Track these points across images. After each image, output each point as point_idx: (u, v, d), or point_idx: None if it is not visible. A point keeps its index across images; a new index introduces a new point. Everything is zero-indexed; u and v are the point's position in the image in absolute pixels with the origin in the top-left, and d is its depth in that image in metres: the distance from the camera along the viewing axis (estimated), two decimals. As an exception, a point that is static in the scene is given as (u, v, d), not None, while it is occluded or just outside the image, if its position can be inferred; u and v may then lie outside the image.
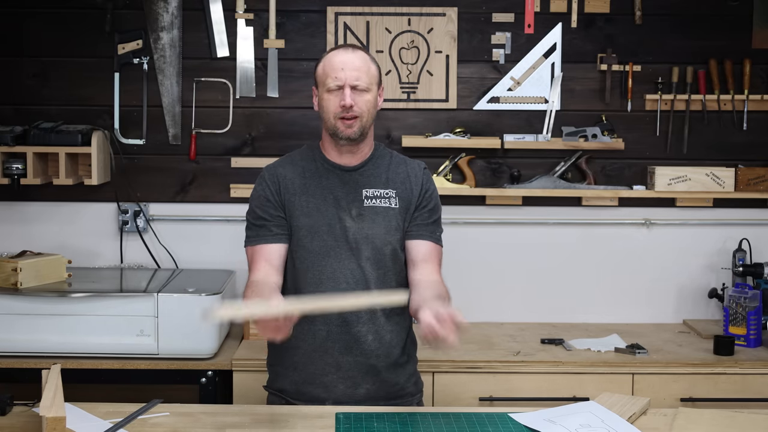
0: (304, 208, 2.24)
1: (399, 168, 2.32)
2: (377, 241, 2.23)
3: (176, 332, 2.84)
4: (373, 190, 2.27)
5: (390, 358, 2.27)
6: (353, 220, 2.23)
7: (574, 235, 3.42)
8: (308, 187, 2.26)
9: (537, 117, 3.38)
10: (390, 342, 2.27)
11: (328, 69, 2.21)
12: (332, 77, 2.19)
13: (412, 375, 2.36)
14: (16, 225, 3.38)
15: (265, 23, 3.35)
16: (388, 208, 2.26)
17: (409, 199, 2.29)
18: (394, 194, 2.28)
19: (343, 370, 2.24)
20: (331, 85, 2.19)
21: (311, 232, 2.23)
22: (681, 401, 2.85)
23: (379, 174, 2.29)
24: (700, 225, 3.42)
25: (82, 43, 3.34)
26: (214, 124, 3.37)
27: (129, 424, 2.00)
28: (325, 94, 2.22)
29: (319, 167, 2.29)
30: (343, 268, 2.22)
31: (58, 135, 3.16)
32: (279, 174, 2.29)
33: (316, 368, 2.25)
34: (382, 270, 2.25)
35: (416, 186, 2.30)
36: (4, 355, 2.85)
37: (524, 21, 3.36)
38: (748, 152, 3.40)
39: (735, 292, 3.10)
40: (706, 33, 3.37)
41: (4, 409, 2.07)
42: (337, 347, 2.23)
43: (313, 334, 2.24)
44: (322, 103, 2.24)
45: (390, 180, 2.29)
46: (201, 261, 3.38)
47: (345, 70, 2.19)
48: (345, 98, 2.18)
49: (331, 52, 2.26)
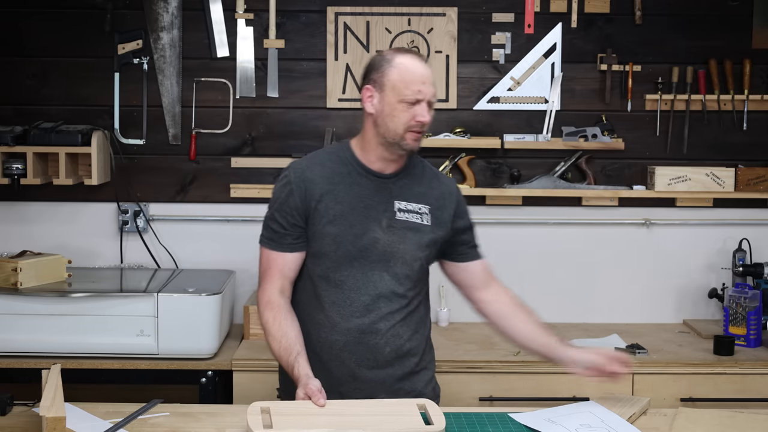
0: (330, 216, 2.14)
1: (433, 182, 2.24)
2: (407, 257, 2.16)
3: (176, 332, 2.84)
4: (406, 203, 2.18)
5: (407, 368, 2.22)
6: (383, 232, 2.15)
7: (574, 235, 3.42)
8: (337, 193, 2.15)
9: (537, 117, 3.38)
10: (408, 352, 2.21)
11: (408, 79, 2.09)
12: (413, 90, 2.09)
13: (430, 381, 2.29)
14: (16, 225, 3.38)
15: (265, 23, 3.35)
16: (420, 225, 2.18)
17: (441, 218, 2.21)
18: (427, 210, 2.20)
19: (360, 380, 2.18)
20: (411, 98, 2.09)
21: (336, 240, 2.13)
22: (681, 401, 2.85)
23: (413, 186, 2.20)
24: (700, 225, 3.42)
25: (82, 43, 3.34)
26: (214, 124, 3.37)
27: (129, 424, 2.00)
28: (399, 104, 2.10)
29: (351, 171, 2.18)
30: (366, 280, 2.15)
31: (58, 135, 3.16)
32: (306, 178, 2.17)
33: (332, 378, 2.17)
34: (408, 285, 2.18)
35: (450, 205, 2.24)
36: (4, 355, 2.85)
37: (524, 21, 3.36)
38: (748, 152, 3.40)
39: (735, 292, 3.10)
40: (706, 33, 3.37)
41: (4, 409, 2.07)
42: (354, 358, 2.16)
43: (330, 344, 2.17)
44: (391, 111, 2.11)
45: (424, 194, 2.21)
46: (201, 261, 3.37)
47: (426, 84, 2.10)
48: (425, 115, 2.10)
49: (405, 58, 2.13)
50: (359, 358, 2.17)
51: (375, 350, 2.17)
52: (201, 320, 2.85)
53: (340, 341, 2.16)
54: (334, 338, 2.17)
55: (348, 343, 2.16)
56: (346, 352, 2.17)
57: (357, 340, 2.16)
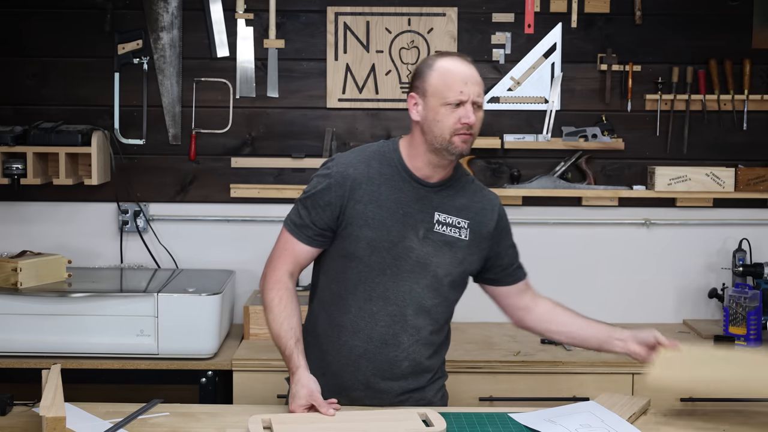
0: (368, 220, 2.09)
1: (476, 196, 2.19)
2: (440, 271, 2.12)
3: (176, 332, 2.84)
4: (446, 216, 2.12)
5: (421, 382, 2.20)
6: (419, 242, 2.10)
7: (574, 235, 3.42)
8: (379, 197, 2.10)
9: (537, 117, 3.38)
10: (426, 368, 2.19)
11: (449, 82, 2.04)
12: (455, 91, 2.03)
13: (440, 389, 2.28)
14: (16, 225, 3.38)
15: (265, 23, 3.35)
16: (457, 240, 2.13)
17: (480, 232, 2.17)
18: (465, 225, 2.14)
19: (372, 390, 2.15)
20: (453, 100, 2.03)
21: (371, 245, 2.08)
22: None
23: (454, 197, 2.15)
24: (700, 225, 3.42)
25: (82, 43, 3.34)
26: (214, 124, 3.37)
27: (129, 424, 2.00)
28: (442, 108, 2.04)
29: (395, 175, 2.12)
30: (396, 289, 2.10)
31: (58, 135, 3.16)
32: (348, 175, 2.10)
33: (345, 382, 2.16)
34: (438, 299, 2.15)
35: (491, 221, 2.19)
36: (4, 355, 2.85)
37: (524, 21, 3.36)
38: (748, 152, 3.40)
39: (735, 292, 3.10)
40: (706, 33, 3.37)
41: (4, 409, 2.07)
42: (371, 367, 2.14)
43: (349, 348, 2.14)
44: (435, 116, 2.05)
45: (465, 208, 2.16)
46: (201, 261, 3.37)
47: (468, 84, 2.04)
48: (469, 116, 2.03)
49: (447, 61, 2.08)
50: (376, 368, 2.14)
51: (393, 362, 2.14)
52: (201, 320, 2.85)
53: (361, 348, 2.13)
54: (354, 344, 2.13)
55: (368, 351, 2.13)
56: (365, 359, 2.13)
57: (377, 349, 2.13)
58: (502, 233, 2.23)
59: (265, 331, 3.03)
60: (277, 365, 2.76)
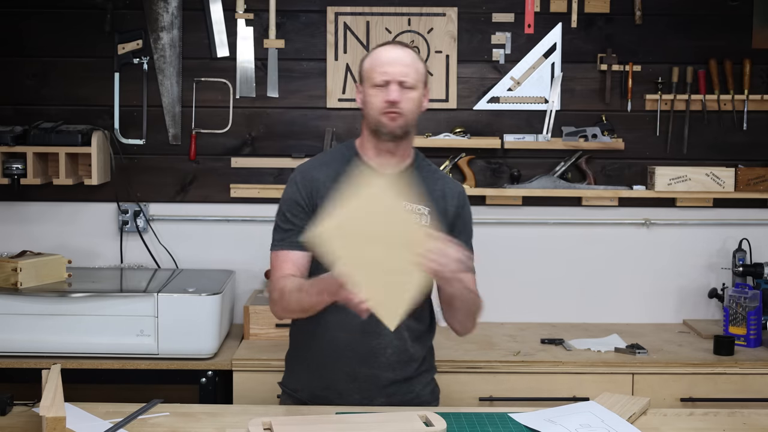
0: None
1: (436, 184, 2.25)
2: None
3: (176, 332, 2.83)
4: (407, 203, 2.14)
5: (408, 372, 2.22)
6: None
7: (574, 235, 3.42)
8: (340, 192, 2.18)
9: (537, 117, 3.38)
10: (411, 356, 2.22)
11: (375, 64, 2.14)
12: (379, 72, 2.12)
13: (429, 383, 2.30)
14: (16, 225, 3.38)
15: (265, 23, 3.35)
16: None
17: (441, 219, 2.20)
18: (426, 212, 2.19)
19: (359, 381, 2.19)
20: (378, 80, 2.12)
21: None
22: (681, 401, 2.85)
23: (415, 186, 2.19)
24: (700, 225, 3.42)
25: (82, 43, 3.34)
26: (214, 124, 3.37)
27: (129, 424, 2.00)
28: (371, 90, 2.14)
29: (355, 171, 2.16)
30: None
31: (58, 135, 3.16)
32: (312, 178, 2.20)
33: (332, 375, 2.20)
34: None
35: (451, 207, 2.24)
36: (4, 355, 2.85)
37: (524, 21, 3.36)
38: (748, 152, 3.40)
39: (735, 292, 3.10)
40: (706, 33, 3.37)
41: (4, 409, 2.07)
42: (356, 358, 2.18)
43: (334, 341, 2.18)
44: (367, 99, 2.16)
45: (426, 195, 2.20)
46: (201, 261, 3.37)
47: (393, 65, 2.12)
48: (390, 93, 2.10)
49: (378, 48, 2.20)
50: (360, 358, 2.18)
51: (376, 351, 2.18)
52: (201, 320, 2.85)
53: (343, 340, 2.18)
54: (336, 336, 2.18)
55: (350, 342, 2.17)
56: (348, 350, 2.18)
57: (359, 339, 2.17)
58: (461, 217, 2.25)
59: (265, 331, 3.05)
60: (276, 365, 2.76)
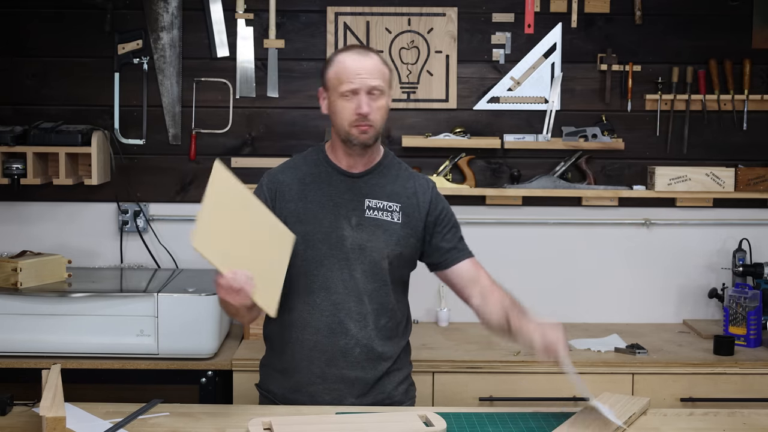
0: (300, 215, 2.16)
1: (407, 183, 2.24)
2: (375, 254, 2.16)
3: (176, 332, 2.83)
4: (377, 201, 2.19)
5: (378, 371, 2.20)
6: (352, 229, 2.16)
7: (574, 235, 3.42)
8: (307, 194, 2.19)
9: (537, 117, 3.39)
10: (380, 355, 2.20)
11: (341, 74, 2.11)
12: (347, 82, 2.09)
13: (402, 382, 2.27)
14: (16, 225, 3.38)
15: (265, 23, 3.35)
16: (390, 222, 2.18)
17: (413, 215, 2.21)
18: (398, 208, 2.20)
19: (329, 381, 2.18)
20: (346, 91, 2.10)
21: (305, 239, 2.14)
22: (681, 401, 2.85)
23: (385, 185, 2.21)
24: (700, 225, 3.42)
25: (82, 43, 3.34)
26: (214, 124, 3.37)
27: (129, 424, 2.00)
28: (339, 100, 2.11)
29: (322, 171, 2.21)
30: (335, 278, 2.15)
31: (58, 135, 3.17)
32: (278, 180, 2.22)
33: (302, 377, 2.19)
34: (378, 283, 2.18)
35: (423, 203, 2.23)
36: (4, 355, 2.85)
37: (524, 21, 3.36)
38: (748, 152, 3.40)
39: (735, 292, 3.10)
40: (706, 33, 3.37)
41: (4, 409, 2.07)
42: (324, 358, 2.17)
43: (301, 342, 2.18)
44: (335, 108, 2.13)
45: (395, 193, 2.21)
46: (201, 261, 3.33)
47: (361, 75, 2.09)
48: (362, 107, 2.09)
49: (342, 55, 2.15)
50: (328, 358, 2.17)
51: (345, 350, 2.17)
52: (201, 320, 2.85)
53: (311, 341, 2.18)
54: (304, 337, 2.18)
55: (318, 342, 2.17)
56: (317, 351, 2.18)
57: (327, 339, 2.17)
58: (436, 213, 2.25)
59: (265, 331, 3.04)
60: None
